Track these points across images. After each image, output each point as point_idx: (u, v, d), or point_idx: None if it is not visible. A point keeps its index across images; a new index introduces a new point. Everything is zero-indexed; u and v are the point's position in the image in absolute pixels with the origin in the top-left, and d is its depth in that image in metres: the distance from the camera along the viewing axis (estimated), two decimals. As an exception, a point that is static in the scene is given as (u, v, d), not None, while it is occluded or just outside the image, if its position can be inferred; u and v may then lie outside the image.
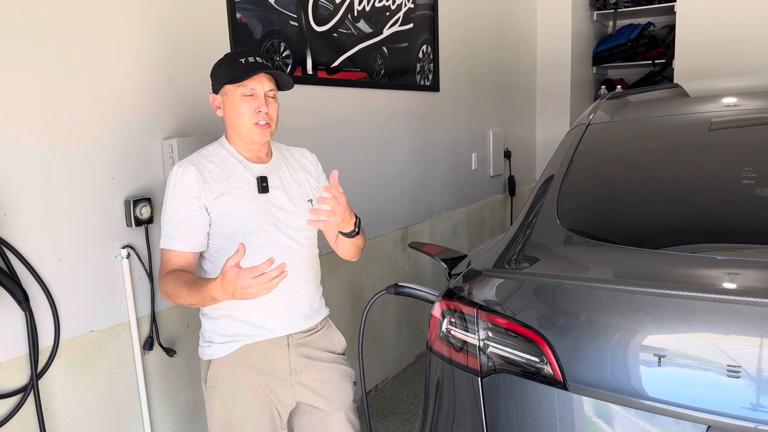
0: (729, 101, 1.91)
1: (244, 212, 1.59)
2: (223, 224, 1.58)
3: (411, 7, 3.27)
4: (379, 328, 3.26)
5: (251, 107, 1.59)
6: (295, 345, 1.67)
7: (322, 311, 1.78)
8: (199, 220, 1.57)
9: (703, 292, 1.14)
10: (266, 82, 1.60)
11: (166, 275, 1.55)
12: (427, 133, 3.57)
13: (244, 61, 1.58)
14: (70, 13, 1.73)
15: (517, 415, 1.31)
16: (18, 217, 1.65)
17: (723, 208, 1.50)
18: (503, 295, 1.38)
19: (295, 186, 1.70)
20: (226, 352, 1.63)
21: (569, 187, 1.64)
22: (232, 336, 1.63)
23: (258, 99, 1.59)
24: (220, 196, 1.57)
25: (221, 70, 1.61)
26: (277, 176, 1.68)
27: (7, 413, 1.65)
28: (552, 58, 4.95)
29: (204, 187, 1.57)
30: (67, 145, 1.74)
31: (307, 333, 1.71)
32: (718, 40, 4.22)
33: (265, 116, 1.59)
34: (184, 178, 1.56)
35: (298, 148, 1.83)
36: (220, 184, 1.59)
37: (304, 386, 1.69)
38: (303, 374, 1.69)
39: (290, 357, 1.66)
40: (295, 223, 1.66)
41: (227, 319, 1.63)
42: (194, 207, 1.56)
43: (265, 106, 1.59)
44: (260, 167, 1.66)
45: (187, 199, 1.56)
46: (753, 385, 1.06)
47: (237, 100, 1.59)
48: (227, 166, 1.62)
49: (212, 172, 1.60)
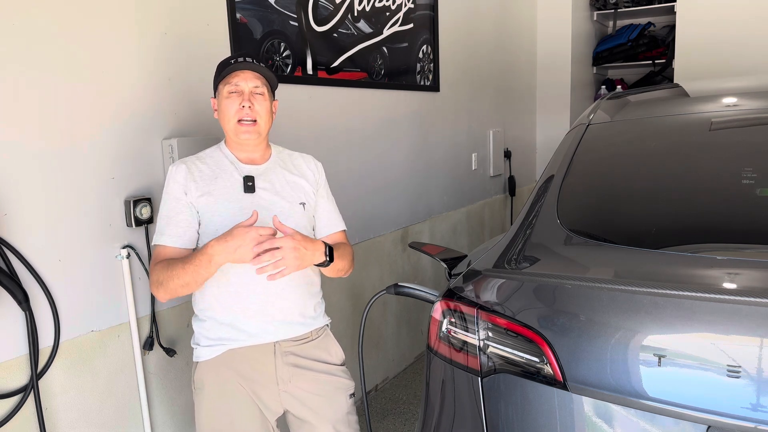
0: (729, 101, 1.91)
1: (226, 211, 1.59)
2: (208, 223, 1.60)
3: (411, 7, 3.27)
4: (379, 328, 3.26)
5: (236, 103, 1.60)
6: (283, 353, 1.65)
7: (318, 320, 1.73)
8: (187, 217, 1.59)
9: (703, 292, 1.14)
10: (251, 78, 1.61)
11: (155, 265, 1.56)
12: (427, 133, 3.57)
13: (233, 61, 1.62)
14: (71, 13, 1.73)
15: (517, 415, 1.31)
16: (18, 217, 1.65)
17: (723, 208, 1.50)
18: (503, 295, 1.38)
19: (287, 188, 1.68)
20: (211, 355, 1.62)
21: (569, 187, 1.64)
22: (216, 339, 1.62)
23: (242, 95, 1.60)
24: (204, 195, 1.59)
25: (216, 73, 1.66)
26: (269, 178, 1.67)
27: (7, 413, 1.65)
28: (552, 58, 4.95)
29: (191, 185, 1.60)
30: (67, 145, 1.74)
31: (297, 341, 1.67)
32: (718, 40, 4.22)
33: (249, 112, 1.59)
34: (175, 176, 1.61)
35: (303, 155, 1.81)
36: (207, 183, 1.61)
37: (291, 396, 1.66)
38: (291, 383, 1.66)
39: (276, 364, 1.64)
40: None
41: (213, 321, 1.62)
42: (183, 204, 1.59)
43: (248, 101, 1.60)
44: (250, 168, 1.66)
45: (177, 195, 1.59)
46: (753, 385, 1.06)
47: (224, 98, 1.61)
48: (218, 167, 1.64)
49: (203, 171, 1.62)
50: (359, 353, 1.89)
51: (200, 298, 1.64)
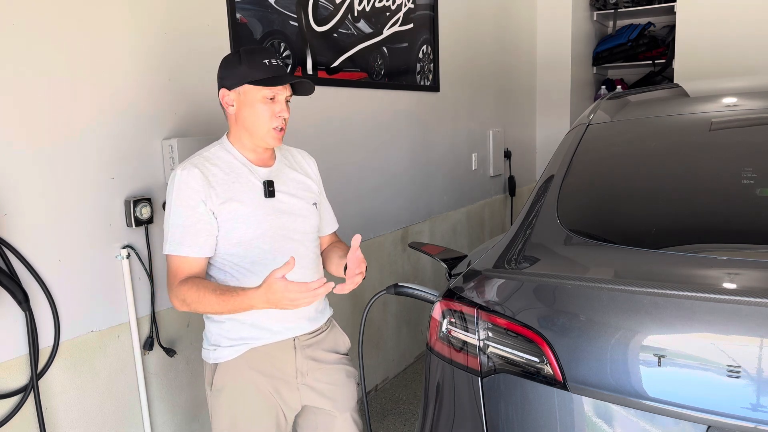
0: (729, 101, 1.91)
1: (251, 218, 1.56)
2: (230, 230, 1.55)
3: (411, 7, 3.27)
4: (379, 328, 3.26)
5: (272, 110, 1.56)
6: (302, 347, 1.67)
7: (326, 312, 1.77)
8: (207, 225, 1.53)
9: (703, 292, 1.14)
10: (288, 87, 1.59)
11: (182, 283, 1.50)
12: (427, 133, 3.57)
13: (267, 63, 1.55)
14: (71, 13, 1.73)
15: (517, 415, 1.31)
16: (18, 217, 1.65)
17: (723, 209, 1.50)
18: (503, 295, 1.38)
19: (300, 189, 1.69)
20: (233, 356, 1.60)
21: (569, 187, 1.64)
22: (239, 339, 1.60)
23: (280, 104, 1.58)
24: (226, 202, 1.54)
25: (242, 68, 1.55)
26: (283, 180, 1.66)
27: (7, 413, 1.65)
28: (552, 58, 4.95)
29: (210, 191, 1.52)
30: (67, 145, 1.74)
31: (312, 335, 1.70)
32: (718, 40, 4.22)
33: (283, 122, 1.59)
34: (189, 182, 1.51)
35: (299, 150, 1.82)
36: (226, 189, 1.55)
37: (309, 388, 1.69)
38: (309, 376, 1.68)
39: (296, 359, 1.66)
40: (302, 227, 1.66)
41: (233, 322, 1.60)
42: (202, 211, 1.52)
43: (286, 111, 1.59)
44: (265, 171, 1.63)
45: (194, 203, 1.51)
46: (753, 385, 1.06)
47: (258, 102, 1.56)
48: (232, 170, 1.58)
49: (217, 176, 1.55)
50: (359, 353, 1.89)
51: None
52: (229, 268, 1.58)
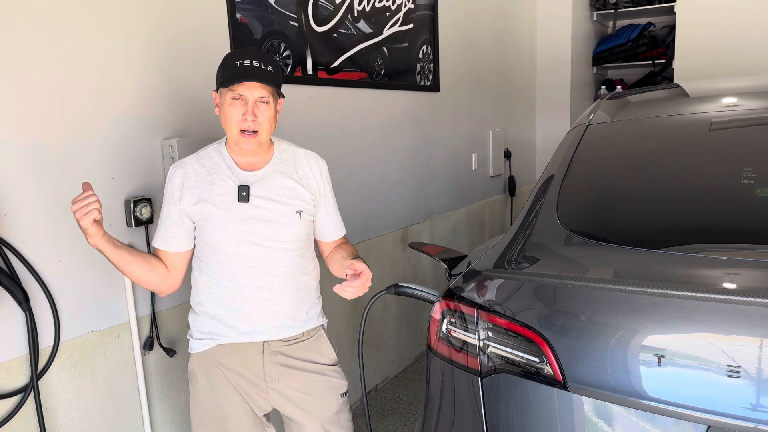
0: (729, 101, 1.91)
1: (219, 221, 1.59)
2: (201, 230, 1.62)
3: (411, 8, 3.27)
4: (379, 328, 3.26)
5: (239, 112, 1.54)
6: (271, 352, 1.66)
7: (311, 322, 1.73)
8: (176, 222, 1.62)
9: (703, 292, 1.14)
10: (257, 88, 1.53)
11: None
12: (427, 133, 3.57)
13: (239, 64, 1.52)
14: (71, 14, 1.73)
15: (517, 415, 1.31)
16: (18, 217, 1.65)
17: (723, 209, 1.50)
18: (503, 295, 1.38)
19: (284, 196, 1.64)
20: (201, 348, 1.68)
21: (569, 187, 1.64)
22: (207, 333, 1.67)
23: (246, 104, 1.54)
24: (199, 203, 1.60)
25: (219, 70, 1.58)
26: (266, 185, 1.62)
27: (7, 413, 1.65)
28: (552, 58, 4.95)
29: (186, 192, 1.61)
30: (67, 145, 1.74)
31: (287, 342, 1.68)
32: (718, 40, 4.22)
33: (251, 123, 1.54)
34: (172, 181, 1.63)
35: (307, 153, 1.75)
36: (202, 189, 1.60)
37: (279, 394, 1.68)
38: (280, 382, 1.67)
39: (264, 363, 1.66)
40: (276, 234, 1.61)
41: (205, 316, 1.67)
42: (174, 210, 1.62)
43: (251, 114, 1.53)
44: (248, 174, 1.62)
45: (169, 201, 1.63)
46: (753, 385, 1.06)
47: (226, 104, 1.55)
48: (215, 171, 1.62)
49: (200, 175, 1.61)
50: (359, 353, 1.89)
51: (196, 293, 1.69)
52: (204, 265, 1.65)
